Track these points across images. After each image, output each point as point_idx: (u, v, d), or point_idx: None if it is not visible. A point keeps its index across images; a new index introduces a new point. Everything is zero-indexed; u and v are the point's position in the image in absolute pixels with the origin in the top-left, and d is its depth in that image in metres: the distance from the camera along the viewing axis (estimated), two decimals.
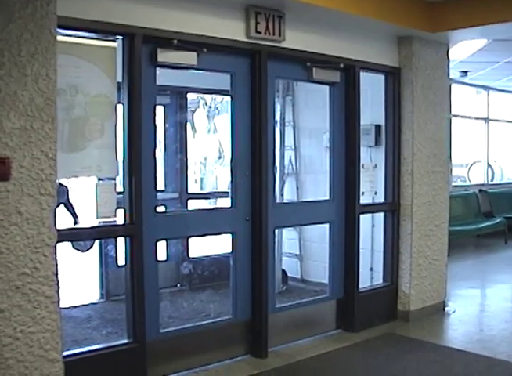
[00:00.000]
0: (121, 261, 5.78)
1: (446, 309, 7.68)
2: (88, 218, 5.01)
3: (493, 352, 6.16)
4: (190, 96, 9.29)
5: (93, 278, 7.74)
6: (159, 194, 8.05)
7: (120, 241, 5.40)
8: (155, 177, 5.25)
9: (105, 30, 4.71)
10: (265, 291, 5.93)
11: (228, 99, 10.41)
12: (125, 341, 5.06)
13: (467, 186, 14.49)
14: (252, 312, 5.97)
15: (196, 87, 8.66)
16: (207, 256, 8.87)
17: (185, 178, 8.62)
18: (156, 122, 5.31)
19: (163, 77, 7.62)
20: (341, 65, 6.44)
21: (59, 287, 4.23)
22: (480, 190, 14.03)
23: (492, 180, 15.33)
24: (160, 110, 8.62)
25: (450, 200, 7.83)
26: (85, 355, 4.76)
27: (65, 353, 4.41)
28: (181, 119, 8.61)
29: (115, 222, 4.97)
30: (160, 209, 8.31)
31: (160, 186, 8.44)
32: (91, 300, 7.48)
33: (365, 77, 6.75)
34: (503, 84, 13.73)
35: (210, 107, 11.21)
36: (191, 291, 8.12)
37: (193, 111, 10.76)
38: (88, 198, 5.28)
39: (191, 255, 8.55)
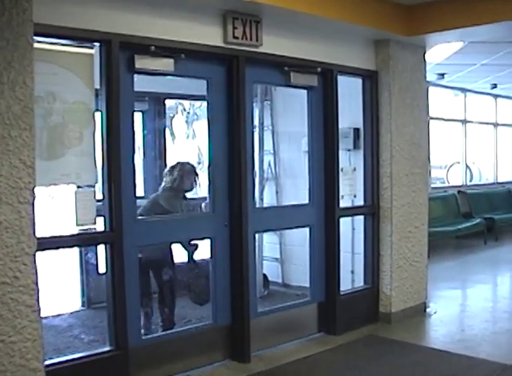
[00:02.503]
0: (102, 268, 5.74)
1: (427, 310, 7.71)
2: (68, 226, 4.96)
3: (475, 352, 6.21)
4: (169, 102, 9.28)
5: (74, 286, 7.69)
6: (138, 201, 8.03)
7: (101, 248, 5.36)
8: (134, 184, 5.22)
9: (82, 37, 4.69)
10: (247, 296, 5.93)
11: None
12: (107, 348, 5.02)
13: (446, 187, 14.56)
14: (234, 317, 5.97)
15: (175, 93, 8.65)
16: (188, 261, 8.82)
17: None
18: (135, 128, 5.30)
19: (141, 83, 7.63)
20: (319, 69, 6.47)
21: (39, 296, 4.20)
22: (459, 191, 14.12)
23: (470, 181, 15.44)
24: (138, 116, 8.61)
25: (429, 201, 7.87)
26: (67, 363, 4.72)
27: (47, 362, 4.38)
28: (159, 125, 8.59)
29: (95, 229, 4.95)
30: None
31: (140, 192, 8.42)
32: (72, 308, 7.43)
33: (342, 81, 6.77)
34: (480, 86, 13.82)
35: (188, 113, 11.20)
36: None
37: (172, 117, 10.75)
38: (68, 206, 5.25)
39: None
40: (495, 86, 13.69)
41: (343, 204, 6.91)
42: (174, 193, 6.67)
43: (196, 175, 6.82)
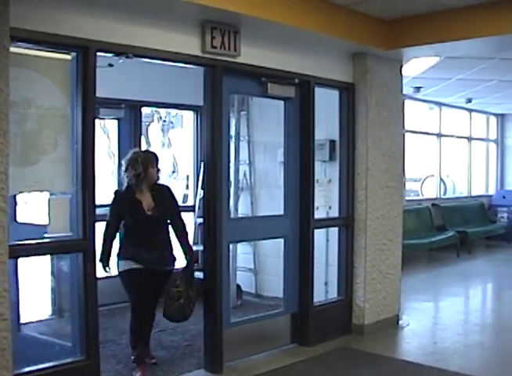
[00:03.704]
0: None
1: (400, 322, 7.73)
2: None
3: (446, 365, 6.24)
4: (145, 110, 9.25)
5: (45, 294, 7.60)
6: None
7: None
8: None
9: (59, 42, 4.64)
10: (220, 306, 5.90)
11: (182, 112, 10.46)
12: (78, 358, 4.96)
13: (420, 200, 14.64)
14: (207, 327, 5.94)
15: (152, 101, 8.63)
16: None
17: None
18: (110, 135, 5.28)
19: (117, 90, 7.62)
20: (296, 80, 6.48)
21: (10, 304, 4.15)
22: (433, 204, 14.20)
23: (444, 194, 15.54)
24: (114, 123, 8.58)
25: (404, 214, 7.90)
26: (37, 373, 4.65)
27: (16, 372, 4.32)
28: (135, 133, 8.54)
29: (68, 237, 4.90)
30: None
31: None
32: (43, 316, 7.35)
33: (320, 93, 6.78)
34: (455, 100, 13.93)
35: (164, 121, 11.19)
36: None
37: (148, 125, 10.73)
38: (41, 213, 5.20)
39: None
40: (469, 101, 13.80)
41: (318, 215, 6.91)
42: (141, 190, 5.74)
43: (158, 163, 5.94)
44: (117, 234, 5.84)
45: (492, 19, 6.11)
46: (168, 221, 5.89)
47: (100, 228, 5.40)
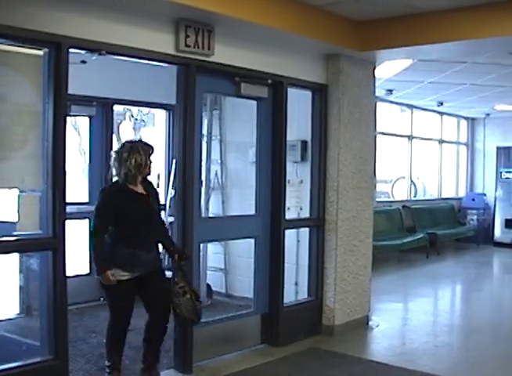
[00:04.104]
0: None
1: (370, 323, 7.77)
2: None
3: (415, 365, 6.28)
4: (117, 108, 9.19)
5: (13, 292, 7.52)
6: (83, 207, 7.94)
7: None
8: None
9: (31, 38, 4.58)
10: None
11: (154, 111, 10.42)
12: (46, 357, 4.91)
13: (391, 201, 14.72)
14: (177, 326, 5.90)
15: (124, 98, 8.58)
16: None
17: None
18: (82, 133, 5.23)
19: (89, 87, 7.56)
20: (269, 80, 6.48)
21: None
22: (403, 206, 14.29)
23: (414, 196, 15.64)
24: (85, 121, 8.51)
25: (374, 215, 7.93)
26: (3, 373, 4.59)
27: None
28: (107, 131, 8.49)
29: (38, 234, 4.85)
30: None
31: (85, 198, 8.32)
32: (10, 315, 7.27)
33: (292, 93, 6.79)
34: (427, 103, 14.03)
35: (136, 119, 11.13)
36: None
37: (119, 123, 10.66)
38: (10, 210, 5.15)
39: None
40: (441, 104, 13.91)
41: (289, 215, 6.92)
42: (136, 183, 5.27)
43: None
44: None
45: (465, 24, 6.16)
46: None
47: (71, 226, 5.32)
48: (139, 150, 5.16)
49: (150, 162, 5.27)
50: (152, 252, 5.32)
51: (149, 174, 5.33)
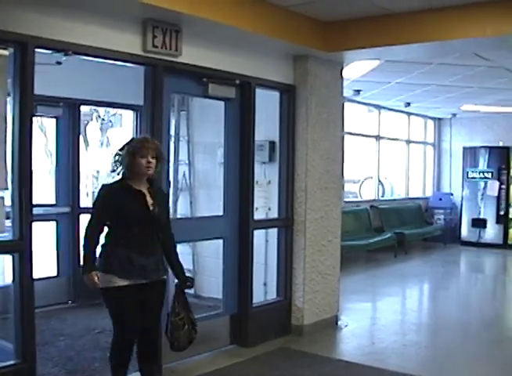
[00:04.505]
0: (8, 278, 5.55)
1: (339, 322, 7.79)
2: None
3: (384, 364, 6.33)
4: (84, 109, 9.13)
5: None
6: (50, 209, 7.88)
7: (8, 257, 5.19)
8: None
9: None
10: None
11: (122, 111, 10.36)
12: (13, 362, 4.85)
13: (359, 201, 14.78)
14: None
15: (91, 99, 8.52)
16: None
17: (77, 192, 8.44)
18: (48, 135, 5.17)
19: (55, 88, 7.49)
20: (237, 81, 6.48)
21: None
22: (371, 206, 14.36)
23: (382, 196, 15.72)
24: (52, 122, 8.44)
25: (342, 215, 7.96)
26: None
27: None
28: (73, 131, 8.42)
29: (3, 237, 4.80)
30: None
31: (52, 200, 8.25)
32: None
33: (260, 94, 6.79)
34: (394, 103, 14.13)
35: (103, 120, 11.07)
36: (83, 308, 7.93)
37: (86, 124, 10.60)
38: None
39: None
40: (408, 104, 14.01)
41: (257, 216, 6.92)
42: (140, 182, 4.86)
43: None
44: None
45: (431, 25, 6.22)
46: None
47: (38, 228, 5.27)
48: (139, 147, 4.72)
49: (150, 162, 4.73)
50: (151, 257, 4.80)
51: (151, 174, 4.81)
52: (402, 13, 6.30)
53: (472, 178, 15.84)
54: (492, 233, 15.61)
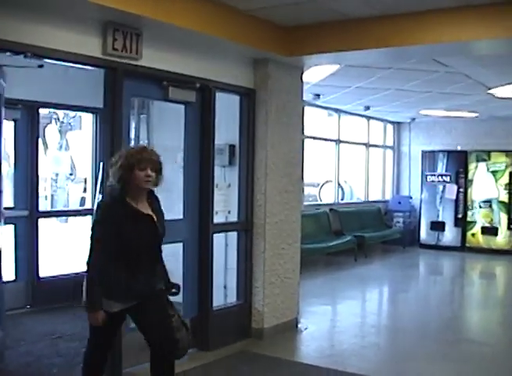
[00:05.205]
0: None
1: (299, 325, 7.82)
2: None
3: (344, 366, 6.38)
4: (42, 111, 9.04)
5: None
6: (8, 212, 7.79)
7: None
8: None
9: None
10: None
11: (81, 114, 10.30)
12: None
13: (319, 205, 14.86)
14: None
15: (50, 102, 8.45)
16: (61, 275, 8.64)
17: (35, 196, 8.36)
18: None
19: (13, 90, 7.41)
20: (197, 85, 6.48)
21: None
22: (331, 209, 14.42)
23: (342, 199, 15.82)
24: (10, 125, 8.35)
25: (302, 218, 7.99)
26: None
27: None
28: (32, 134, 8.34)
29: None
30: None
31: (9, 203, 8.17)
32: None
33: (220, 97, 6.80)
34: (354, 107, 14.22)
35: (62, 123, 11.00)
36: (42, 312, 7.86)
37: (45, 126, 10.52)
38: None
39: (42, 275, 8.30)
40: (368, 108, 14.12)
41: (217, 219, 6.93)
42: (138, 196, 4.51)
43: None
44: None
45: (390, 31, 6.30)
46: None
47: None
48: (138, 159, 4.34)
49: (150, 175, 4.40)
50: (152, 277, 4.55)
51: (149, 189, 4.54)
52: (362, 19, 6.36)
53: (431, 181, 16.03)
54: (450, 235, 15.81)
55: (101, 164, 6.13)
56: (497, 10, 5.77)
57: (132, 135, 7.93)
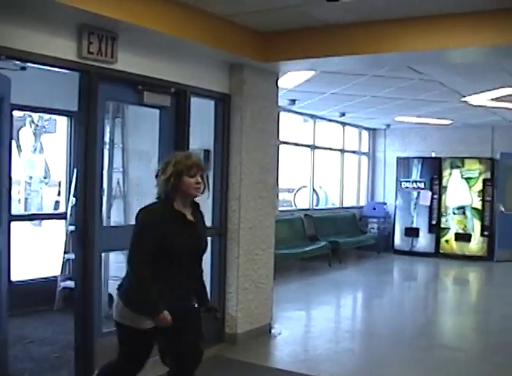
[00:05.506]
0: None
1: (273, 331, 7.83)
2: None
3: (317, 371, 6.41)
4: (16, 113, 8.99)
5: None
6: None
7: None
8: None
9: None
10: (91, 316, 5.80)
11: (56, 117, 10.25)
12: None
13: (293, 210, 14.87)
14: (78, 337, 5.81)
15: (24, 104, 8.39)
16: (33, 279, 8.57)
17: (8, 199, 8.27)
18: None
19: None
20: (172, 89, 6.47)
21: None
22: (305, 215, 14.45)
23: (317, 205, 15.85)
24: None
25: (276, 224, 8.00)
26: None
27: None
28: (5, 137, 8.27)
29: None
30: None
31: None
32: None
33: (195, 102, 6.79)
34: (329, 113, 14.26)
35: (37, 125, 10.93)
36: (14, 317, 7.78)
37: (19, 129, 10.45)
38: None
39: (14, 279, 8.22)
40: (343, 114, 14.17)
41: None
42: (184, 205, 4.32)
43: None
44: None
45: (365, 38, 6.35)
46: None
47: None
48: (189, 166, 4.18)
49: (199, 182, 4.24)
50: (188, 292, 4.41)
51: (197, 195, 4.32)
52: (338, 26, 6.39)
53: (405, 187, 16.13)
54: (424, 241, 15.91)
55: (75, 169, 6.09)
56: (471, 19, 5.84)
57: (107, 139, 7.89)
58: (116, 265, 8.46)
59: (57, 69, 5.52)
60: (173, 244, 4.08)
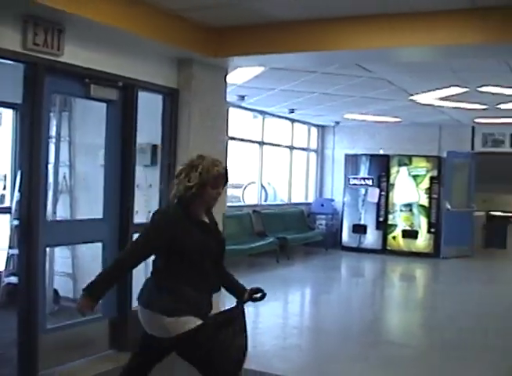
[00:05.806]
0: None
1: None
2: None
3: (265, 368, 6.41)
4: None
5: None
6: None
7: None
8: None
9: None
10: (35, 312, 5.71)
11: (1, 110, 10.06)
12: None
13: (242, 206, 14.87)
14: (21, 334, 5.72)
15: None
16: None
17: None
18: None
19: None
20: (120, 83, 6.41)
21: None
22: (254, 211, 14.48)
23: (265, 201, 15.88)
24: None
25: (225, 220, 7.96)
26: None
27: None
28: None
29: None
30: None
31: None
32: None
33: (143, 96, 6.74)
34: (278, 110, 14.31)
35: None
36: None
37: None
38: None
39: None
40: (292, 111, 14.21)
41: (137, 219, 6.84)
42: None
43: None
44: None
45: (315, 35, 6.38)
46: None
47: None
48: (215, 177, 4.21)
49: (219, 193, 4.25)
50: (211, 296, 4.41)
51: (213, 206, 4.31)
52: (287, 22, 6.40)
53: (353, 184, 16.26)
54: (371, 238, 16.07)
55: (19, 166, 5.98)
56: (420, 19, 5.90)
57: (53, 132, 7.78)
58: (61, 260, 8.38)
59: (1, 60, 5.42)
60: (191, 243, 4.03)
